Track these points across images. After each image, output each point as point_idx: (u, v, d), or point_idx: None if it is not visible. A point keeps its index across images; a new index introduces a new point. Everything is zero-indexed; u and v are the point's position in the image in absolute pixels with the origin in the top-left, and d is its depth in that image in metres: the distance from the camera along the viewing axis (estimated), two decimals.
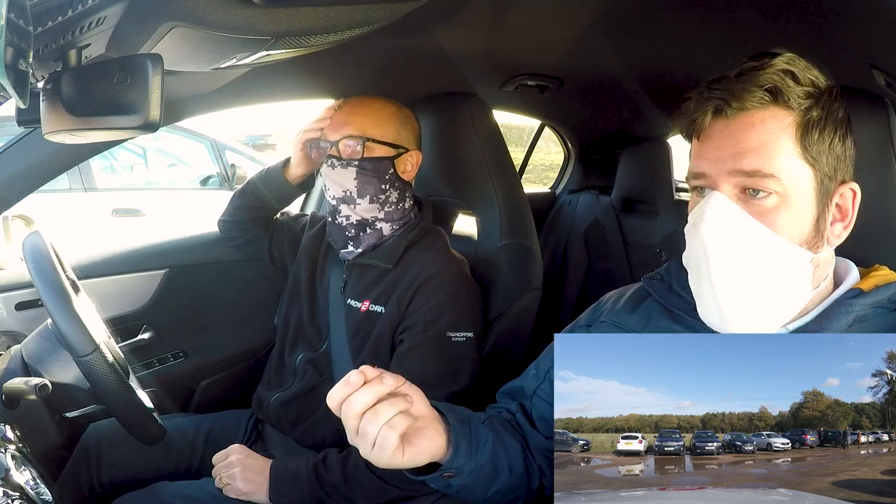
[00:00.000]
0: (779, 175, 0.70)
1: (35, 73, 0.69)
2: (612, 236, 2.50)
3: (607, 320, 0.93)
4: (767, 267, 0.72)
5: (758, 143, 0.71)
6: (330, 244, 1.38)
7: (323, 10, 0.77)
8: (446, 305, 1.23)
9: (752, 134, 0.71)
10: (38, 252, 0.97)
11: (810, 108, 0.71)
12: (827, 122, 0.72)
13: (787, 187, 0.71)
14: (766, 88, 0.71)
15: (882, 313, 0.76)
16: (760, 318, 0.75)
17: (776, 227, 0.71)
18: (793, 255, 0.72)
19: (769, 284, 0.73)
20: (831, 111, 0.72)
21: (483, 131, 1.50)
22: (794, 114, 0.71)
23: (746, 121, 0.71)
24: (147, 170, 5.13)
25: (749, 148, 0.71)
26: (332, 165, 1.27)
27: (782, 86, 0.70)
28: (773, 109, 0.71)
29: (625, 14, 1.24)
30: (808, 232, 0.73)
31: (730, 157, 0.72)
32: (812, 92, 0.72)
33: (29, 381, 0.94)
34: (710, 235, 0.72)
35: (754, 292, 0.73)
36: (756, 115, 0.71)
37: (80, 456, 1.28)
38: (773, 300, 0.74)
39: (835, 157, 0.73)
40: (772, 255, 0.72)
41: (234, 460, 1.18)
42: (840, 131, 0.73)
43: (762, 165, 0.70)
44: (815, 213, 0.73)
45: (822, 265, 0.77)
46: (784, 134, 0.71)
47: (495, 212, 1.48)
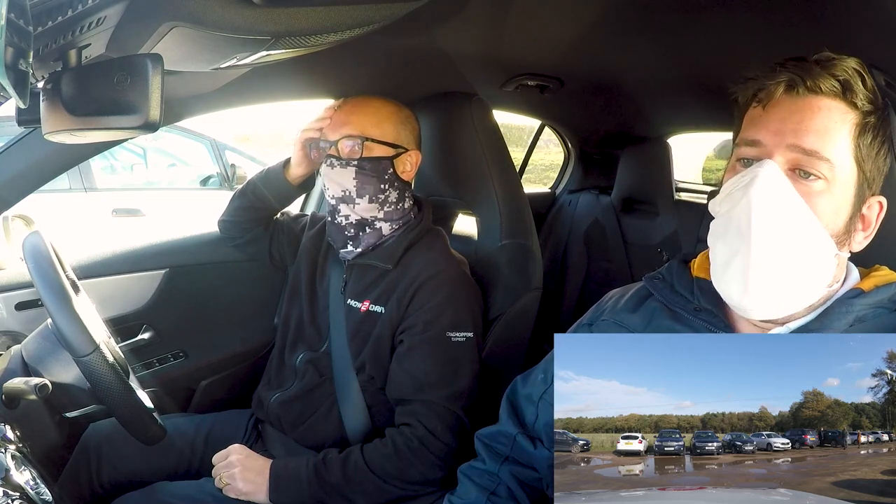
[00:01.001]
0: (833, 161, 0.72)
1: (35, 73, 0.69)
2: (612, 236, 2.50)
3: (609, 319, 0.93)
4: (800, 248, 0.73)
5: (822, 126, 0.72)
6: (330, 244, 1.38)
7: (323, 10, 0.77)
8: (446, 306, 1.23)
9: (818, 116, 0.73)
10: (38, 252, 0.97)
11: (870, 113, 0.74)
12: (880, 132, 0.75)
13: (836, 176, 0.73)
14: (839, 79, 0.73)
15: (882, 313, 0.76)
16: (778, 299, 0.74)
17: (818, 211, 0.72)
18: (824, 243, 0.73)
19: (796, 266, 0.73)
20: (885, 124, 0.75)
21: (483, 131, 1.50)
22: (857, 113, 0.74)
23: (815, 103, 0.73)
24: (147, 170, 5.13)
25: (813, 128, 0.72)
26: (331, 165, 1.27)
27: (853, 82, 0.73)
28: (840, 102, 0.73)
29: (625, 14, 1.24)
30: (842, 227, 0.75)
31: (792, 132, 0.73)
32: (873, 99, 0.75)
33: (29, 381, 0.94)
34: (759, 199, 0.72)
35: (782, 270, 0.73)
36: (824, 100, 0.73)
37: (80, 456, 1.28)
38: (794, 283, 0.74)
39: (877, 166, 0.76)
40: (807, 237, 0.73)
41: (233, 460, 1.18)
42: (887, 145, 0.76)
43: (821, 147, 0.72)
44: (850, 211, 0.75)
45: (840, 266, 0.78)
46: (845, 127, 0.73)
47: (495, 212, 1.48)
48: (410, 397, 1.21)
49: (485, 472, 0.99)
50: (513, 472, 0.97)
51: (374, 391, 1.28)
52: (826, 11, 1.02)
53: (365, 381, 1.28)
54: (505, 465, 0.98)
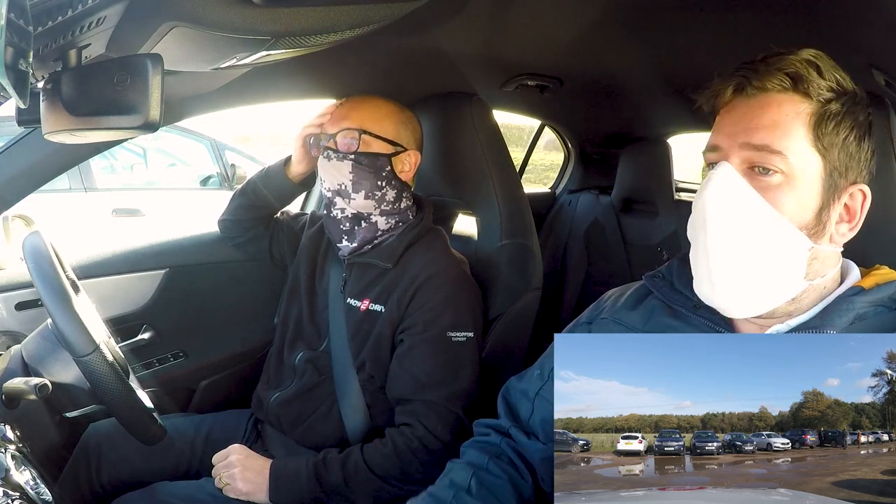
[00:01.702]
0: (786, 153, 0.73)
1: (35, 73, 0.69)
2: (612, 236, 2.50)
3: (608, 317, 0.93)
4: (762, 242, 0.74)
5: (771, 121, 0.74)
6: (329, 243, 1.39)
7: (323, 10, 0.77)
8: (447, 305, 1.23)
9: (767, 112, 0.74)
10: (38, 252, 0.97)
11: (829, 101, 0.74)
12: (844, 119, 0.74)
13: (794, 168, 0.73)
14: (787, 73, 0.74)
15: (883, 312, 0.76)
16: (749, 295, 0.76)
17: (777, 204, 0.73)
18: (789, 236, 0.74)
19: (761, 260, 0.74)
20: (852, 111, 0.75)
21: (483, 131, 1.50)
22: (812, 103, 0.74)
23: (764, 101, 0.75)
24: (147, 170, 5.12)
25: (762, 125, 0.74)
26: (327, 157, 1.27)
27: (804, 73, 0.73)
28: (792, 95, 0.74)
29: (625, 14, 1.24)
30: (810, 219, 0.74)
31: (743, 132, 0.75)
32: (834, 88, 0.74)
33: (29, 381, 0.94)
34: (712, 202, 0.74)
35: (746, 265, 0.74)
36: (774, 96, 0.74)
37: (80, 456, 1.28)
38: (763, 278, 0.75)
39: (847, 154, 0.75)
40: (768, 231, 0.73)
41: (233, 460, 1.18)
42: (857, 132, 0.75)
43: (771, 142, 0.73)
44: (819, 202, 0.74)
45: (822, 260, 0.77)
46: (798, 119, 0.73)
47: (495, 212, 1.48)
48: (410, 397, 1.21)
49: (486, 442, 0.99)
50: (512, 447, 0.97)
51: (374, 390, 1.28)
52: (826, 11, 1.02)
53: (365, 381, 1.28)
54: (506, 440, 0.98)
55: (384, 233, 1.32)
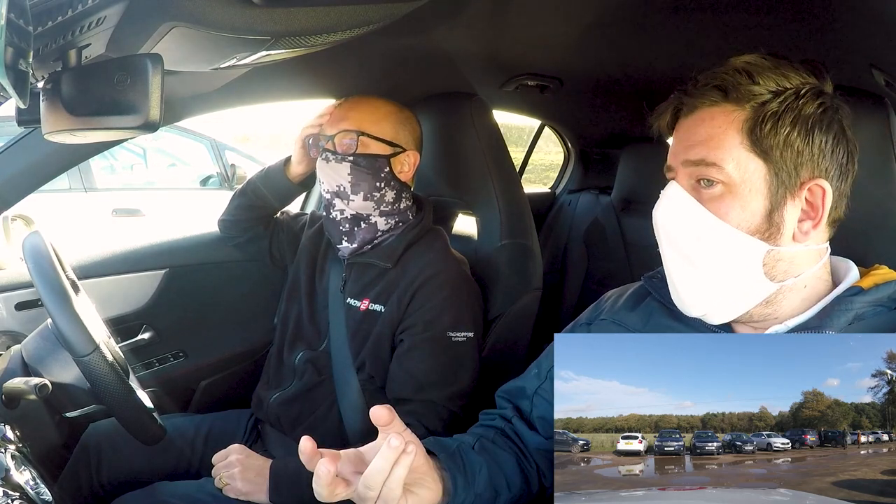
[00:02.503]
0: (722, 164, 0.75)
1: (35, 73, 0.69)
2: (612, 236, 2.49)
3: (608, 318, 0.94)
4: (712, 251, 0.76)
5: (705, 135, 0.76)
6: (329, 243, 1.39)
7: (323, 10, 0.77)
8: (447, 305, 1.23)
9: (701, 128, 0.77)
10: (38, 252, 0.97)
11: (765, 104, 0.74)
12: (783, 117, 0.74)
13: (733, 177, 0.75)
14: (716, 86, 0.76)
15: (882, 311, 0.76)
16: (713, 300, 0.78)
17: (722, 214, 0.75)
18: (739, 242, 0.75)
19: (715, 269, 0.77)
20: (793, 107, 0.74)
21: (483, 131, 1.50)
22: (745, 109, 0.75)
23: (699, 117, 0.78)
24: (147, 170, 5.13)
25: (697, 140, 0.77)
26: (326, 159, 1.27)
27: (732, 83, 0.75)
28: (724, 105, 0.76)
29: (625, 14, 1.24)
30: (759, 222, 0.75)
31: (683, 150, 0.79)
32: (772, 89, 0.74)
33: (29, 381, 0.94)
34: (662, 218, 0.80)
35: (702, 276, 0.78)
36: (706, 111, 0.77)
37: (80, 456, 1.28)
38: (720, 284, 0.77)
39: (794, 151, 0.74)
40: (716, 239, 0.76)
41: (233, 460, 1.18)
42: (803, 128, 0.74)
43: (705, 155, 0.76)
44: (768, 205, 0.75)
45: (790, 260, 0.76)
46: (730, 127, 0.75)
47: (495, 212, 1.48)
48: (410, 397, 1.21)
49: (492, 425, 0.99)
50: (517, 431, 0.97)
51: (374, 390, 1.28)
52: (826, 12, 1.02)
53: (364, 381, 1.28)
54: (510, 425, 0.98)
55: (384, 233, 1.32)
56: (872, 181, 0.87)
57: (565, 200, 2.74)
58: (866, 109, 0.90)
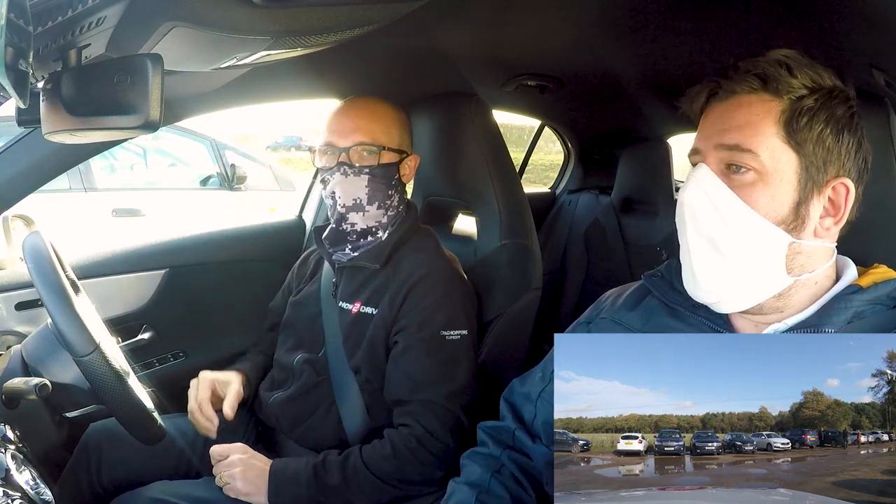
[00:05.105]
0: (757, 151, 0.74)
1: (35, 73, 0.69)
2: (612, 236, 2.50)
3: (607, 317, 0.94)
4: (738, 238, 0.76)
5: (742, 121, 0.76)
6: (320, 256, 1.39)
7: (323, 10, 0.76)
8: (439, 304, 1.23)
9: (738, 114, 0.77)
10: (38, 252, 0.97)
11: (802, 98, 0.75)
12: (818, 114, 0.75)
13: (766, 166, 0.75)
14: (756, 74, 0.76)
15: (881, 310, 0.76)
16: (729, 290, 0.78)
17: (751, 201, 0.75)
18: (765, 231, 0.75)
19: (739, 256, 0.76)
20: (828, 106, 0.75)
21: (483, 131, 1.50)
22: (783, 100, 0.75)
23: (735, 102, 0.77)
24: (147, 170, 5.12)
25: (733, 125, 0.76)
26: (344, 174, 1.25)
27: (774, 74, 0.75)
28: (762, 94, 0.76)
29: (625, 14, 1.24)
30: (786, 213, 0.75)
31: (717, 134, 0.77)
32: (808, 85, 0.75)
33: (29, 381, 0.94)
34: (690, 201, 0.78)
35: (724, 261, 0.77)
36: (744, 98, 0.77)
37: (80, 456, 1.28)
38: (742, 272, 0.77)
39: (825, 148, 0.75)
40: (744, 227, 0.75)
41: (234, 460, 1.18)
42: (835, 127, 0.75)
43: (741, 141, 0.75)
44: (796, 197, 0.75)
45: (808, 255, 0.77)
46: (768, 116, 0.75)
47: (495, 212, 1.48)
48: (408, 398, 1.21)
49: (488, 455, 0.99)
50: (514, 459, 0.97)
51: (372, 391, 1.28)
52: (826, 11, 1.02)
53: (363, 382, 1.28)
54: (507, 452, 0.98)
55: (375, 236, 1.32)
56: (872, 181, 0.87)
57: (565, 200, 2.74)
58: (866, 109, 0.90)
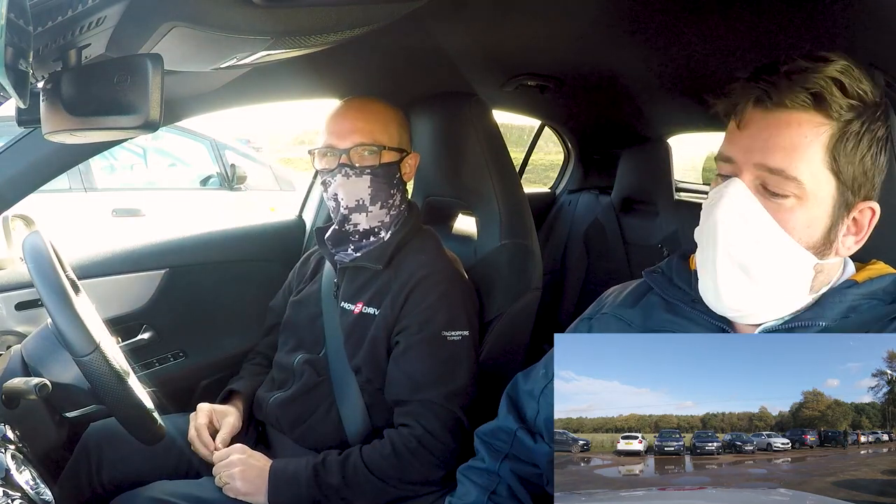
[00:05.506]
0: (801, 179, 0.71)
1: (35, 73, 0.69)
2: (612, 236, 2.50)
3: (609, 313, 0.94)
4: (770, 262, 0.73)
5: (789, 143, 0.71)
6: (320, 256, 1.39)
7: (323, 10, 0.76)
8: (440, 305, 1.23)
9: (786, 132, 0.71)
10: (38, 252, 0.97)
11: (851, 121, 0.71)
12: (863, 137, 0.72)
13: (808, 192, 0.72)
14: (811, 92, 0.70)
15: (877, 305, 0.76)
16: (753, 309, 0.77)
17: (788, 226, 0.72)
18: (797, 256, 0.73)
19: (768, 279, 0.74)
20: (872, 129, 0.72)
21: (483, 131, 1.50)
22: (833, 123, 0.71)
23: (784, 118, 0.72)
24: (147, 170, 5.12)
25: (780, 146, 0.71)
26: (346, 175, 1.26)
27: (827, 93, 0.70)
28: (813, 114, 0.71)
29: (625, 14, 1.24)
30: (819, 238, 0.74)
31: (759, 150, 0.72)
32: (856, 105, 0.71)
33: (29, 381, 0.94)
34: (724, 219, 0.74)
35: (752, 283, 0.75)
36: (794, 115, 0.71)
37: (80, 456, 1.28)
38: (768, 294, 0.75)
39: (862, 171, 0.73)
40: (777, 252, 0.73)
41: (234, 460, 1.18)
42: (875, 148, 0.73)
43: (788, 166, 0.71)
44: (830, 222, 0.74)
45: (826, 272, 0.77)
46: (817, 141, 0.71)
47: (495, 212, 1.48)
48: (408, 398, 1.21)
49: (484, 470, 0.99)
50: (513, 469, 0.97)
51: (373, 391, 1.28)
52: (825, 12, 1.02)
53: (363, 382, 1.28)
54: (505, 463, 0.98)
55: (378, 236, 1.32)
56: None
57: (565, 200, 2.74)
58: None
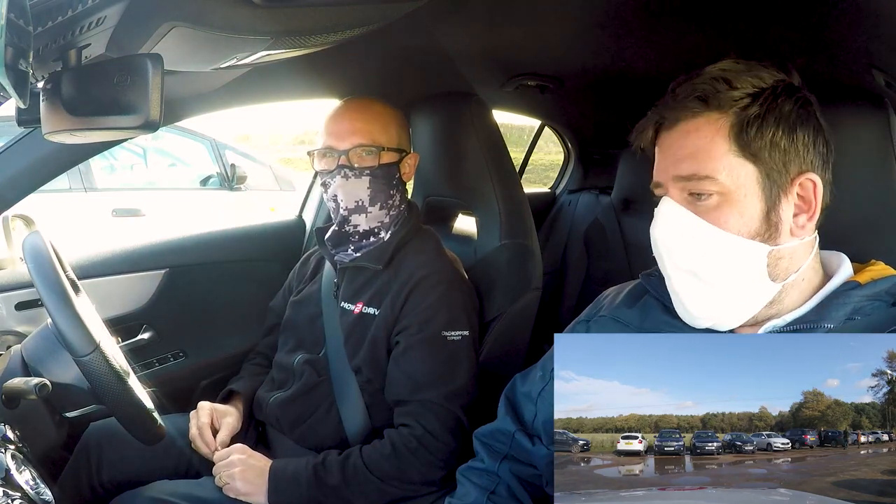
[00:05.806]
0: (714, 175, 0.75)
1: (35, 73, 0.69)
2: (613, 236, 2.49)
3: (606, 314, 0.94)
4: (718, 261, 0.76)
5: (693, 148, 0.76)
6: (320, 256, 1.39)
7: (323, 10, 0.77)
8: (440, 305, 1.23)
9: (688, 140, 0.76)
10: (38, 252, 0.97)
11: (747, 108, 0.75)
12: (766, 118, 0.74)
13: (727, 185, 0.75)
14: (696, 97, 0.76)
15: (881, 307, 0.76)
16: (722, 310, 0.79)
17: (721, 223, 0.75)
18: (742, 248, 0.75)
19: (721, 277, 0.77)
20: (773, 107, 0.75)
21: (483, 131, 1.50)
22: (728, 115, 0.75)
23: (683, 129, 0.77)
24: (147, 170, 5.12)
25: (686, 154, 0.76)
26: (345, 176, 1.26)
27: (713, 91, 0.75)
28: (707, 115, 0.76)
29: (625, 15, 1.24)
30: (758, 225, 0.75)
31: (672, 165, 0.78)
32: (750, 92, 0.75)
33: (29, 381, 0.94)
34: (662, 236, 0.79)
35: (708, 286, 0.77)
36: (691, 122, 0.76)
37: (80, 456, 1.28)
38: (728, 292, 0.77)
39: (781, 150, 0.75)
40: (719, 249, 0.75)
41: (234, 460, 1.18)
42: (785, 126, 0.75)
43: (697, 169, 0.75)
44: (764, 207, 0.75)
45: (789, 256, 0.77)
46: (717, 136, 0.75)
47: (495, 212, 1.48)
48: (408, 398, 1.21)
49: (484, 471, 0.99)
50: (512, 470, 0.97)
51: (373, 391, 1.28)
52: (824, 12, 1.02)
53: (363, 383, 1.28)
54: (504, 463, 0.98)
55: (378, 236, 1.32)
56: (872, 181, 0.87)
57: (565, 200, 2.74)
58: (866, 109, 0.90)
